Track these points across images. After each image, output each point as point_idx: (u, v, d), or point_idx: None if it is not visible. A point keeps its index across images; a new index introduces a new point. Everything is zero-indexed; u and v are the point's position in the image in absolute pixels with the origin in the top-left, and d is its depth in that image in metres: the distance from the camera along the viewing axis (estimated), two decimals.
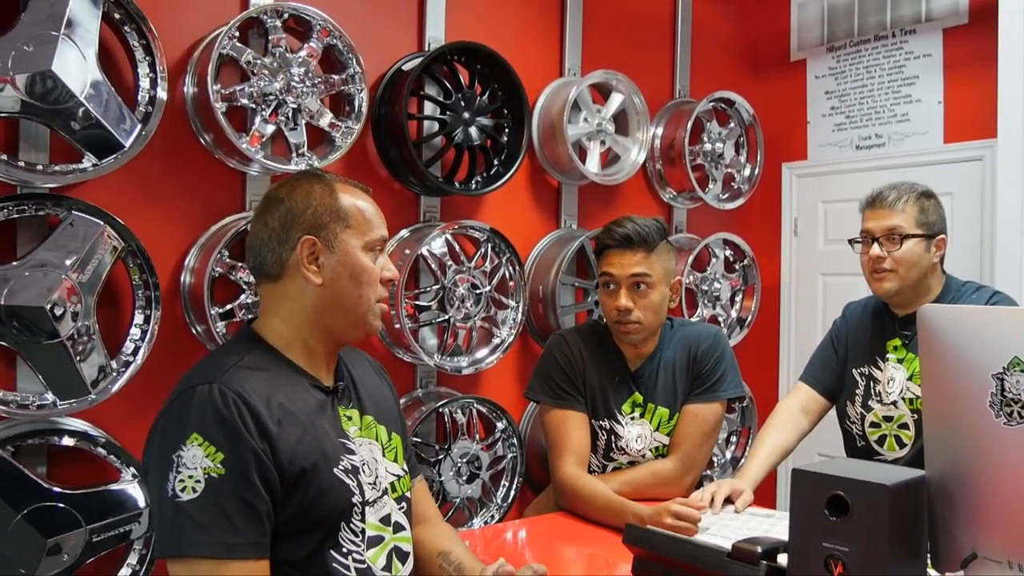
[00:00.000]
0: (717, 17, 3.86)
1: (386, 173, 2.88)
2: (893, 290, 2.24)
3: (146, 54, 2.31)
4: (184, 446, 1.26)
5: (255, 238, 1.46)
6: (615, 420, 2.27)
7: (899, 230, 2.21)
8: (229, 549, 1.24)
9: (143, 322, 2.33)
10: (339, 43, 2.59)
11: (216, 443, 1.26)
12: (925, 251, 2.22)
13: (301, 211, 1.43)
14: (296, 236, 1.42)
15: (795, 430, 2.38)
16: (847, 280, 3.71)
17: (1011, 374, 1.17)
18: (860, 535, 1.19)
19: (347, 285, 1.44)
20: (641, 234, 2.20)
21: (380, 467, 1.47)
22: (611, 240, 2.23)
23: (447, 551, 1.60)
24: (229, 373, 1.33)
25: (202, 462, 1.25)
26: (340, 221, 1.44)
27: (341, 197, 1.46)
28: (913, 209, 2.22)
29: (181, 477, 1.24)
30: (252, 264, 1.47)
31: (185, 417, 1.28)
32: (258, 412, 1.30)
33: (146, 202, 2.44)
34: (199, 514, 1.23)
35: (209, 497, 1.24)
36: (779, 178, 3.95)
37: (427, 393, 2.95)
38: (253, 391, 1.32)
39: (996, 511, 1.21)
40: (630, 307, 2.20)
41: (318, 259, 1.42)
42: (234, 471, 1.26)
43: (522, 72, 2.97)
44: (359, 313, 1.46)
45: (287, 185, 1.48)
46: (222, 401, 1.28)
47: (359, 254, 1.45)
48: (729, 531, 1.89)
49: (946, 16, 3.38)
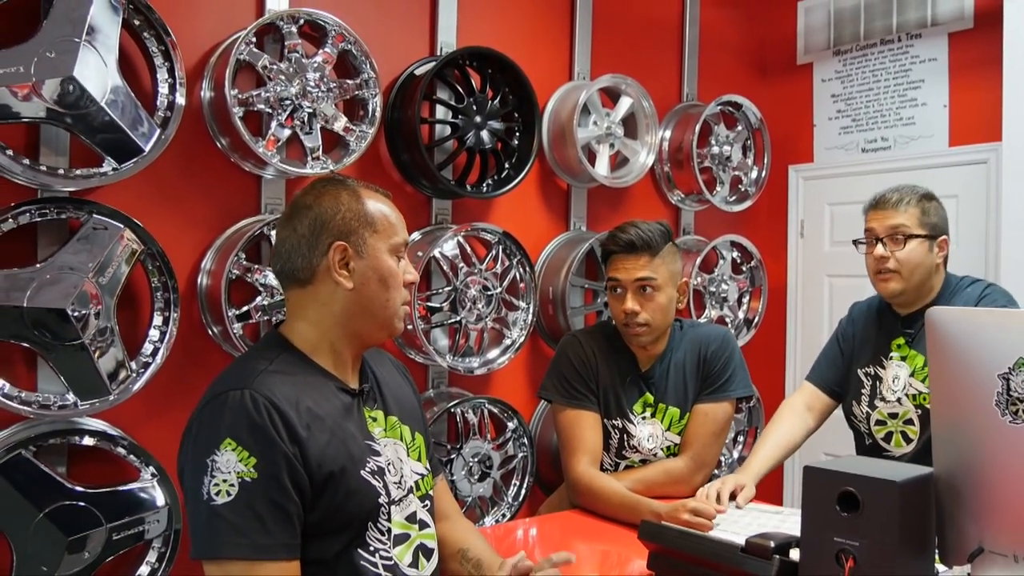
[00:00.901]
0: (724, 21, 3.89)
1: (399, 176, 2.92)
2: (898, 291, 2.27)
3: (165, 60, 2.34)
4: (218, 451, 1.30)
5: (283, 244, 1.49)
6: (627, 419, 2.31)
7: (903, 229, 2.24)
8: (262, 550, 1.28)
9: (162, 323, 2.37)
10: (353, 48, 2.63)
11: (248, 448, 1.30)
12: (928, 252, 2.25)
13: (330, 217, 1.46)
14: (327, 242, 1.45)
15: (800, 426, 2.41)
16: (853, 282, 3.74)
17: (1017, 374, 1.20)
18: (871, 530, 1.23)
19: (376, 289, 1.48)
20: (644, 239, 2.24)
21: (405, 467, 1.50)
22: (615, 246, 2.28)
23: (466, 548, 1.64)
24: (259, 378, 1.37)
25: (235, 466, 1.29)
26: (368, 226, 1.47)
27: (367, 203, 1.49)
28: (915, 210, 2.25)
29: (216, 481, 1.28)
30: (280, 269, 1.50)
31: (218, 422, 1.32)
32: (288, 417, 1.34)
33: (163, 205, 2.48)
34: (233, 517, 1.27)
35: (242, 500, 1.28)
36: (786, 180, 3.98)
37: (439, 393, 2.98)
38: (283, 396, 1.36)
39: (1002, 506, 1.24)
40: (637, 310, 2.24)
41: (348, 264, 1.46)
42: (266, 475, 1.30)
43: (532, 76, 3.01)
44: (387, 316, 1.50)
45: (313, 192, 1.51)
46: (253, 407, 1.32)
47: (386, 258, 1.49)
48: (740, 527, 1.92)
49: (951, 21, 3.41)
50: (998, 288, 2.28)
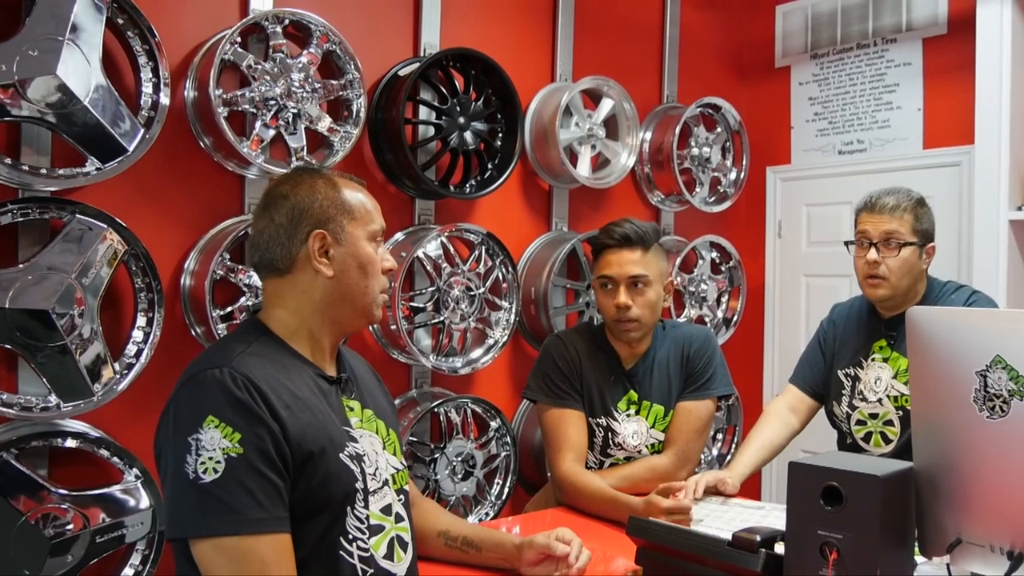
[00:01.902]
0: (704, 25, 3.94)
1: (382, 176, 2.93)
2: (886, 296, 2.29)
3: (149, 59, 2.34)
4: (201, 429, 1.29)
5: (261, 234, 1.49)
6: (611, 417, 2.34)
7: (897, 236, 2.24)
8: (256, 524, 1.28)
9: (145, 324, 2.37)
10: (338, 49, 2.64)
11: (232, 423, 1.29)
12: (917, 259, 2.27)
13: (308, 206, 1.47)
14: (306, 230, 1.46)
15: (784, 427, 2.45)
16: (829, 281, 3.80)
17: (993, 371, 1.24)
18: (853, 523, 1.25)
19: (356, 276, 1.49)
20: (639, 233, 2.28)
21: (381, 459, 1.51)
22: (610, 239, 2.29)
23: (446, 529, 1.70)
24: (238, 359, 1.37)
25: (220, 443, 1.28)
26: (346, 214, 1.49)
27: (344, 191, 1.51)
28: (910, 216, 2.25)
29: (202, 459, 1.27)
30: (258, 260, 1.50)
31: (198, 401, 1.32)
32: (267, 395, 1.34)
33: (147, 205, 2.47)
34: (223, 493, 1.27)
35: (231, 476, 1.27)
36: (764, 182, 4.03)
37: (422, 393, 3.00)
38: (261, 376, 1.35)
39: (979, 499, 1.28)
40: (629, 304, 2.26)
41: (328, 252, 1.47)
42: (252, 449, 1.29)
43: (515, 77, 3.03)
44: (366, 303, 1.51)
45: (289, 181, 1.51)
46: (233, 383, 1.32)
47: (365, 244, 1.50)
48: (723, 522, 1.96)
49: (926, 26, 3.47)
50: (983, 296, 2.31)
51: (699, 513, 2.01)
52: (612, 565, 1.73)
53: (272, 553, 1.29)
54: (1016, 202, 3.04)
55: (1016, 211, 3.02)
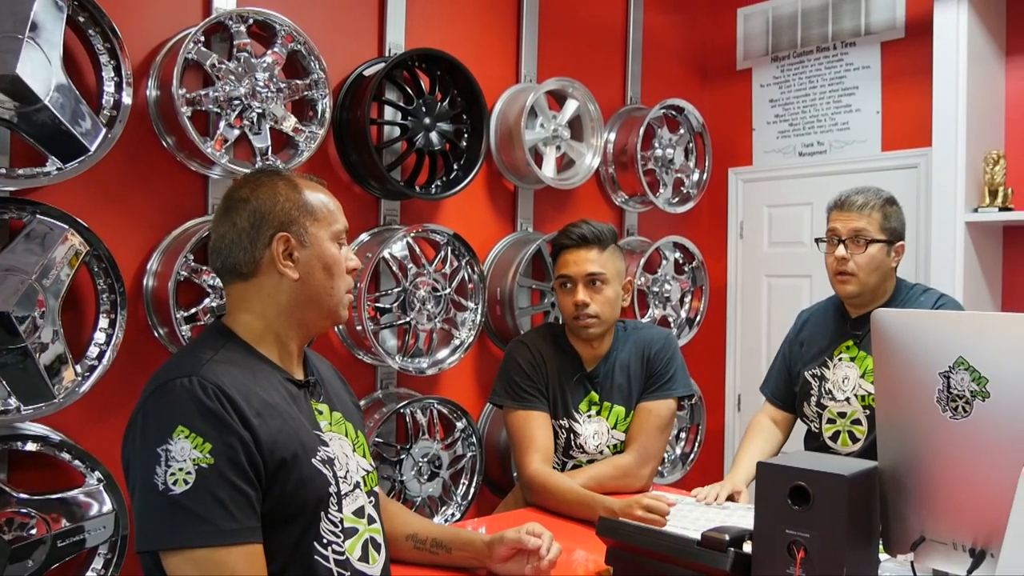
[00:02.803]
0: (668, 27, 3.97)
1: (347, 177, 2.92)
2: (855, 292, 2.34)
3: (111, 58, 2.31)
4: (171, 439, 1.27)
5: (223, 239, 1.47)
6: (573, 419, 2.37)
7: (864, 233, 2.29)
8: (228, 535, 1.26)
9: (107, 326, 2.33)
10: (303, 49, 2.62)
11: (203, 434, 1.28)
12: (886, 256, 2.32)
13: (270, 208, 1.45)
14: (269, 233, 1.44)
15: (773, 438, 2.54)
16: (790, 281, 3.86)
17: (956, 372, 1.27)
18: (820, 522, 1.28)
19: (321, 277, 1.48)
20: (595, 233, 2.35)
21: (351, 462, 1.50)
22: (568, 240, 2.37)
23: (413, 532, 1.71)
24: (207, 366, 1.35)
25: (191, 454, 1.26)
26: (309, 215, 1.47)
27: (305, 192, 1.49)
28: (878, 215, 2.31)
29: (172, 470, 1.25)
30: (220, 265, 1.48)
31: (167, 410, 1.30)
32: (238, 404, 1.32)
33: (109, 206, 2.43)
34: (194, 504, 1.25)
35: (202, 487, 1.26)
36: (726, 183, 4.08)
37: (388, 394, 2.99)
38: (231, 384, 1.34)
39: (942, 498, 1.31)
40: (587, 301, 2.31)
41: (292, 254, 1.45)
42: (223, 459, 1.28)
43: (480, 78, 3.03)
44: (332, 304, 1.50)
45: (249, 184, 1.49)
46: (203, 392, 1.30)
47: (329, 245, 1.49)
48: (688, 521, 1.99)
49: (884, 30, 3.54)
50: (951, 299, 2.36)
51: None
52: (572, 556, 1.74)
53: (244, 564, 1.28)
54: (972, 204, 3.11)
55: (972, 213, 3.09)
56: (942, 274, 3.10)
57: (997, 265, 3.25)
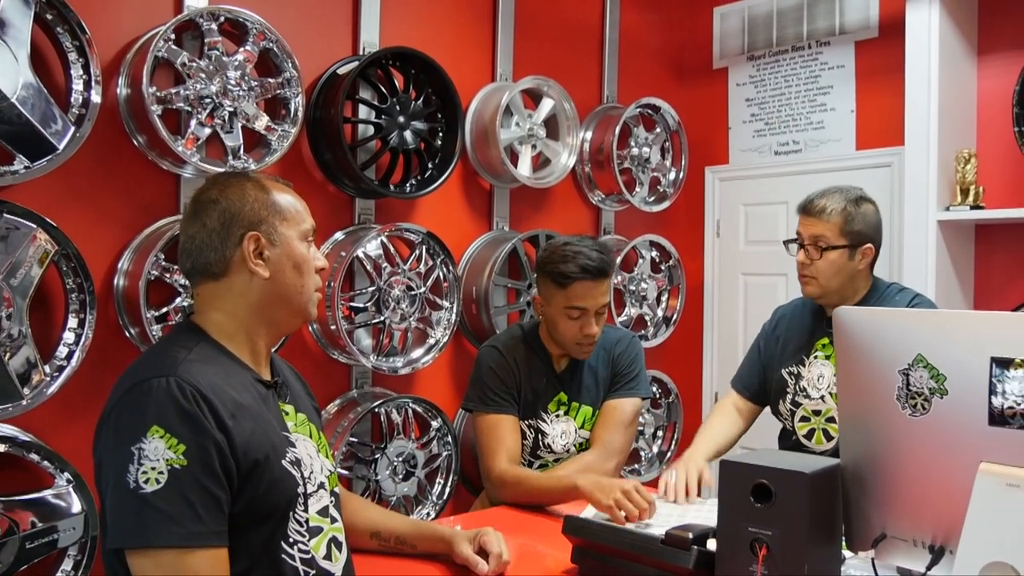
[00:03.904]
0: (644, 26, 3.98)
1: (321, 175, 2.91)
2: (816, 294, 2.35)
3: (79, 56, 2.29)
4: (145, 439, 1.27)
5: (193, 240, 1.48)
6: (541, 419, 2.39)
7: (823, 240, 2.29)
8: (195, 538, 1.27)
9: (77, 326, 2.32)
10: (275, 47, 2.61)
11: (178, 435, 1.28)
12: (848, 260, 2.30)
13: (239, 209, 1.46)
14: (239, 233, 1.45)
15: (734, 423, 2.53)
16: (767, 280, 3.87)
17: (915, 370, 1.28)
18: (782, 520, 1.28)
19: (291, 276, 1.49)
20: (608, 262, 2.30)
21: (315, 463, 1.52)
22: (583, 273, 2.25)
23: (377, 529, 1.74)
24: (183, 366, 1.35)
25: (164, 454, 1.27)
26: (278, 215, 1.49)
27: (273, 192, 1.51)
28: (839, 219, 2.29)
29: (144, 469, 1.26)
30: (191, 266, 1.49)
31: (143, 410, 1.30)
32: (214, 405, 1.33)
33: (78, 205, 2.42)
34: (164, 505, 1.25)
35: (173, 488, 1.26)
36: (702, 181, 4.09)
37: (363, 393, 2.98)
38: (206, 384, 1.35)
39: (903, 495, 1.32)
40: (598, 332, 2.31)
41: (262, 254, 1.47)
42: (196, 462, 1.28)
43: (455, 77, 3.03)
44: (302, 302, 1.52)
45: (217, 186, 1.50)
46: (181, 393, 1.30)
47: (298, 244, 1.51)
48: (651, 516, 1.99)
49: (858, 29, 3.56)
50: (926, 300, 2.36)
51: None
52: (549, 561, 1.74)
53: (208, 568, 1.28)
54: (944, 202, 3.13)
55: (944, 211, 3.11)
56: (915, 272, 3.12)
57: (969, 263, 3.27)
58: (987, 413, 1.21)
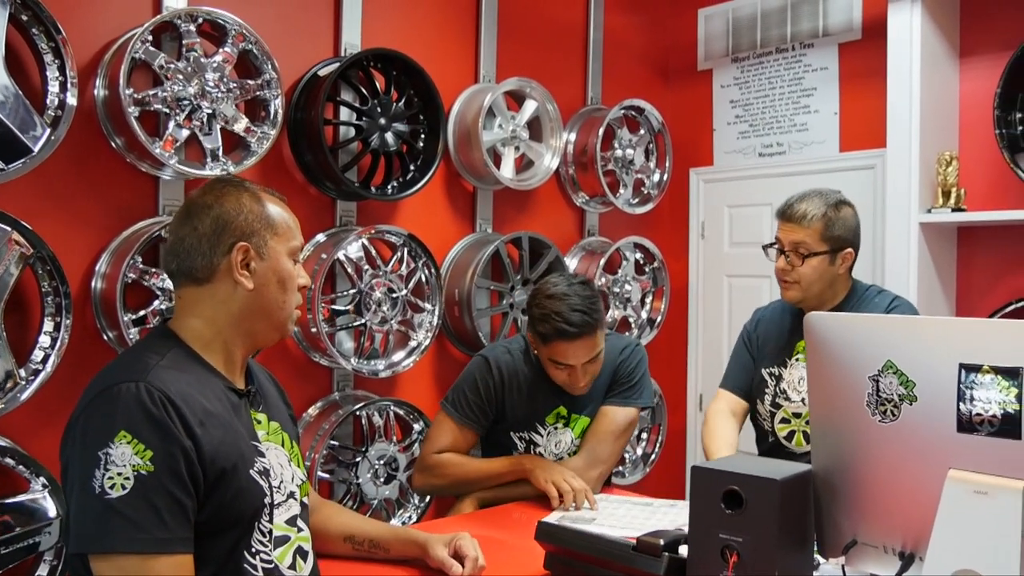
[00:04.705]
0: (628, 27, 3.97)
1: (302, 178, 2.89)
2: (797, 299, 2.35)
3: (55, 57, 2.27)
4: (112, 444, 1.27)
5: (182, 242, 1.48)
6: (535, 432, 2.36)
7: (803, 247, 2.28)
8: (160, 544, 1.27)
9: (53, 330, 2.30)
10: (255, 48, 2.59)
11: (145, 441, 1.28)
12: (829, 265, 2.30)
13: (233, 218, 1.47)
14: (229, 242, 1.46)
15: (736, 428, 2.49)
16: (751, 282, 3.87)
17: (885, 376, 1.28)
18: (753, 526, 1.28)
19: (275, 291, 1.50)
20: (590, 322, 2.18)
21: (286, 472, 1.52)
22: (563, 336, 2.17)
23: (350, 533, 1.74)
24: (153, 372, 1.35)
25: (131, 459, 1.27)
26: (269, 228, 1.49)
27: (268, 206, 1.51)
28: (819, 225, 2.27)
29: (110, 474, 1.26)
30: (176, 267, 1.49)
31: (111, 415, 1.30)
32: (183, 412, 1.33)
33: (54, 207, 2.40)
34: (129, 511, 1.25)
35: (139, 494, 1.26)
36: (687, 183, 4.09)
37: (344, 396, 2.97)
38: (176, 391, 1.35)
39: (873, 501, 1.32)
40: (588, 383, 2.28)
41: (249, 265, 1.47)
42: (163, 468, 1.28)
43: (438, 79, 3.02)
44: (282, 318, 1.53)
45: (213, 192, 1.51)
46: (150, 399, 1.30)
47: (286, 260, 1.52)
48: (615, 519, 2.00)
49: (841, 31, 3.56)
50: (905, 302, 2.36)
51: (590, 512, 2.06)
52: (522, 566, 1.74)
53: (173, 574, 1.28)
54: (926, 205, 3.14)
55: (926, 213, 3.11)
56: (897, 275, 3.12)
57: (951, 266, 3.28)
58: (955, 420, 1.21)
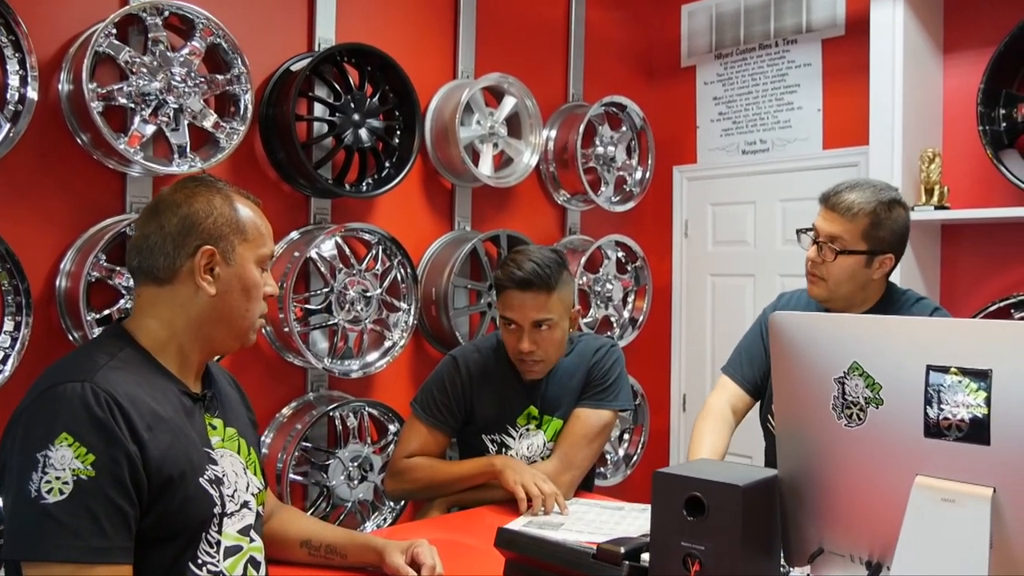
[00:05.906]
0: (610, 23, 3.93)
1: (275, 175, 2.84)
2: (822, 297, 2.11)
3: (15, 51, 2.22)
4: (52, 446, 1.22)
5: (146, 239, 1.42)
6: (507, 434, 2.30)
7: (839, 242, 2.03)
8: (97, 553, 1.21)
9: (13, 329, 2.25)
10: (223, 42, 2.54)
11: (88, 444, 1.23)
12: (864, 267, 2.04)
13: (202, 219, 1.41)
14: (195, 244, 1.40)
15: (728, 432, 2.24)
16: (735, 281, 3.84)
17: (851, 378, 1.23)
18: (715, 534, 1.23)
19: (238, 298, 1.44)
20: (542, 276, 2.14)
21: (241, 481, 1.47)
22: (510, 282, 2.15)
23: (307, 538, 1.68)
24: (101, 372, 1.30)
25: (71, 463, 1.21)
26: (239, 234, 1.44)
27: (240, 209, 1.46)
28: (864, 221, 2.02)
29: (47, 478, 1.20)
30: (137, 264, 1.44)
31: (53, 416, 1.24)
32: (130, 415, 1.28)
33: (17, 204, 2.35)
34: (66, 517, 1.20)
35: (77, 500, 1.21)
36: (670, 181, 4.05)
37: (319, 397, 2.92)
38: (124, 393, 1.29)
39: (839, 509, 1.27)
40: (532, 349, 2.17)
41: (213, 270, 1.42)
42: (105, 473, 1.23)
43: (414, 74, 2.97)
44: (243, 327, 1.47)
45: (184, 190, 1.45)
46: (95, 401, 1.25)
47: (252, 268, 1.46)
48: (584, 524, 1.95)
49: (825, 28, 3.52)
50: (943, 312, 2.15)
51: (559, 517, 2.01)
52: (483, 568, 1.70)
53: None
54: (909, 202, 3.08)
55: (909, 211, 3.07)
56: None
57: (935, 265, 3.24)
58: (923, 424, 1.16)
